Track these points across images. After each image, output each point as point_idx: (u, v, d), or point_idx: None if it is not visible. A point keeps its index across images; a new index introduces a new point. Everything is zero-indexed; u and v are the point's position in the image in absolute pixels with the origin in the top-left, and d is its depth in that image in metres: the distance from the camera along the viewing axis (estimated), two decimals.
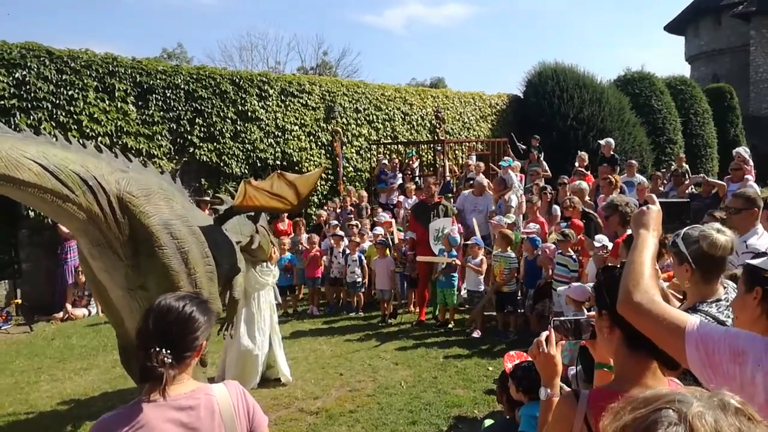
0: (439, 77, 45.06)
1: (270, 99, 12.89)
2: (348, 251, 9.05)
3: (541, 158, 12.99)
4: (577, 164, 10.77)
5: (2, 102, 9.28)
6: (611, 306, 1.80)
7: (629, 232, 4.84)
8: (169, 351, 1.82)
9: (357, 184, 14.36)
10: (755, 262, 1.79)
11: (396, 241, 9.20)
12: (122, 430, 1.79)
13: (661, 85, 19.79)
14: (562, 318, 2.13)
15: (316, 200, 13.61)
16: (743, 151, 10.17)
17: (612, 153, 11.06)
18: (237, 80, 12.39)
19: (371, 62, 74.43)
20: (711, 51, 34.09)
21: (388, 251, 8.86)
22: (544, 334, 2.07)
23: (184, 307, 1.92)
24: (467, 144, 15.76)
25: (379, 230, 9.30)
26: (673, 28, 37.22)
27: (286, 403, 5.82)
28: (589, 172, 10.38)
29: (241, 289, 4.99)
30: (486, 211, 9.43)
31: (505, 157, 12.02)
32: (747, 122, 25.32)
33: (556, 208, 8.67)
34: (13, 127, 9.27)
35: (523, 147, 13.87)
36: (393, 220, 9.98)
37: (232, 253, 4.83)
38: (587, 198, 8.45)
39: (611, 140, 11.51)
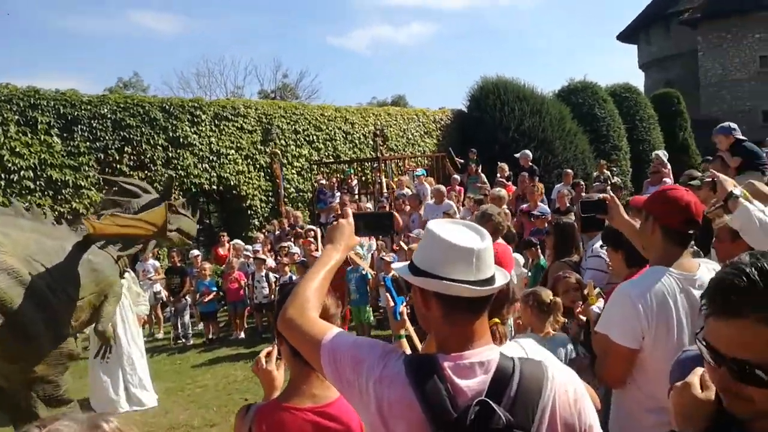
0: (400, 95, 45.51)
1: (203, 124, 12.86)
2: (279, 274, 8.99)
3: (479, 171, 13.07)
4: (498, 175, 10.90)
5: None
6: None
7: (499, 241, 4.88)
8: None
9: (300, 204, 14.36)
10: (395, 267, 1.76)
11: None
12: None
13: (603, 94, 20.06)
14: None
15: (257, 223, 13.58)
16: (662, 154, 10.43)
17: (530, 164, 11.27)
18: (167, 107, 12.35)
19: (334, 83, 74.81)
20: (662, 58, 34.82)
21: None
22: (266, 350, 2.09)
23: None
24: (408, 160, 15.81)
25: (296, 249, 9.25)
26: (625, 37, 38.00)
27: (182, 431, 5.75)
28: (510, 182, 10.49)
29: (107, 317, 4.88)
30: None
31: (417, 168, 12.12)
32: (699, 125, 25.67)
33: None
34: None
35: (461, 161, 13.98)
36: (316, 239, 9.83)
37: (94, 278, 4.65)
38: (505, 206, 8.53)
39: (528, 152, 11.76)
